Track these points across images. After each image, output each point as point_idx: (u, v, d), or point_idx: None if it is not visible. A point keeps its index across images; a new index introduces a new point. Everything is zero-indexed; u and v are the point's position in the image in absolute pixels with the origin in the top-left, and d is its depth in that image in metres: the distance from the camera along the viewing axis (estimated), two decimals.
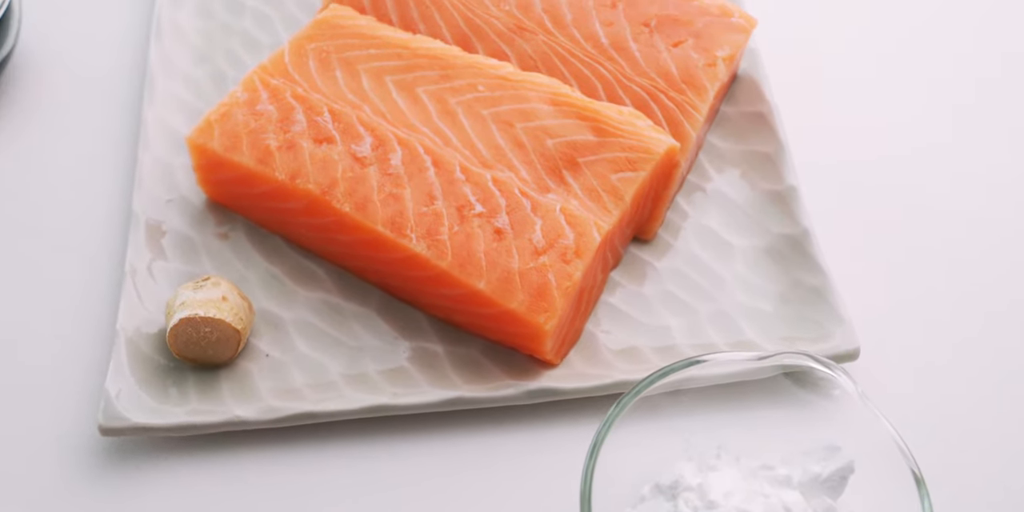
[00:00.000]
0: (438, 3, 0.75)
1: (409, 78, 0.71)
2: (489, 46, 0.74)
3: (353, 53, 0.72)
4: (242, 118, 0.69)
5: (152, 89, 0.77)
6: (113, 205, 0.74)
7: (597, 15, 0.73)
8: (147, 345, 0.65)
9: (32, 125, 0.78)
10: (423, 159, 0.67)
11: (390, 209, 0.65)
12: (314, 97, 0.70)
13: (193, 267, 0.69)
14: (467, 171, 0.66)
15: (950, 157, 0.77)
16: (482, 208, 0.65)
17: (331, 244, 0.68)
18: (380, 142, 0.67)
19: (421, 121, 0.69)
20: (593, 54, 0.72)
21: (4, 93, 0.80)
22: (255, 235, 0.71)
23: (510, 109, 0.69)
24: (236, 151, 0.68)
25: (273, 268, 0.70)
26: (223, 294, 0.64)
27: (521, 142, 0.67)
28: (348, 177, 0.66)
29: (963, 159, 0.77)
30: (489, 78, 0.70)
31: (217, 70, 0.80)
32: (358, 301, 0.68)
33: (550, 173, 0.66)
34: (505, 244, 0.63)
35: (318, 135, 0.68)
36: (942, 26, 0.85)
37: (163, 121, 0.76)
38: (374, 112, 0.69)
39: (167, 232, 0.71)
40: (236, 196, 0.71)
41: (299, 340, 0.66)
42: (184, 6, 0.83)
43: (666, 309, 0.68)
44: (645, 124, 0.67)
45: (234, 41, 0.82)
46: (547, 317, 0.61)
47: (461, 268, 0.63)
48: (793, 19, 0.83)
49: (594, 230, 0.64)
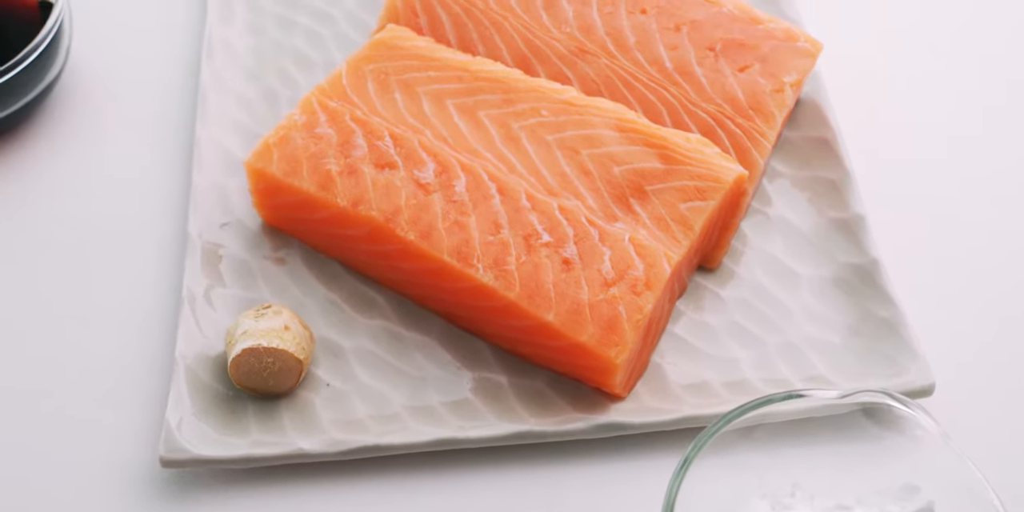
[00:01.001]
0: (497, 25, 0.74)
1: (470, 102, 0.69)
2: (550, 69, 0.72)
3: (412, 75, 0.71)
4: (301, 142, 0.68)
5: (205, 109, 0.76)
6: (167, 228, 0.73)
7: (661, 38, 0.72)
8: (206, 373, 0.64)
9: (82, 146, 0.77)
10: (487, 186, 0.65)
11: (455, 238, 0.64)
12: (374, 120, 0.69)
13: (250, 293, 0.68)
14: (533, 199, 0.65)
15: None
16: (549, 237, 0.63)
17: (392, 271, 0.67)
18: (443, 168, 0.66)
19: (484, 146, 0.67)
20: (658, 78, 0.71)
21: (54, 114, 0.79)
22: (312, 260, 0.70)
23: (575, 135, 0.67)
24: (296, 176, 0.67)
25: (331, 294, 0.69)
26: (285, 323, 0.63)
27: (587, 169, 0.66)
28: (412, 204, 0.65)
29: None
30: (553, 103, 0.69)
31: (269, 89, 0.79)
32: (419, 329, 0.67)
33: (617, 201, 0.65)
34: (574, 275, 0.62)
35: (380, 160, 0.67)
36: (1015, 52, 0.83)
37: (216, 142, 0.75)
38: (436, 137, 0.68)
39: (223, 257, 0.70)
40: (294, 220, 0.70)
41: (360, 369, 0.65)
42: (234, 23, 0.82)
43: (733, 340, 0.66)
44: (713, 152, 0.66)
45: (285, 59, 0.81)
46: (618, 351, 0.60)
47: (529, 299, 0.62)
48: (854, 41, 0.82)
49: (664, 261, 0.62)
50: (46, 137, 0.77)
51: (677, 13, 0.73)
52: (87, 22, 0.83)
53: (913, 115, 0.78)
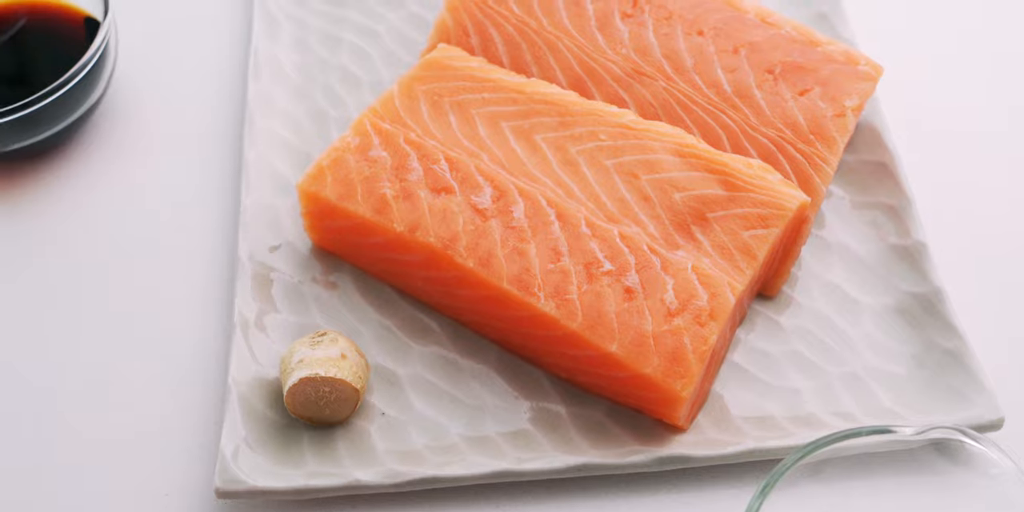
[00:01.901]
0: (552, 45, 0.73)
1: (526, 125, 0.68)
2: (606, 91, 0.71)
3: (466, 97, 0.70)
4: (355, 164, 0.67)
5: (252, 129, 0.75)
6: (216, 250, 0.72)
7: (719, 61, 0.71)
8: (260, 401, 0.63)
9: (127, 166, 0.76)
10: (546, 212, 0.64)
11: (515, 265, 0.62)
12: (429, 143, 0.68)
13: (302, 318, 0.67)
14: (593, 226, 0.64)
15: None
16: (611, 266, 0.62)
17: (449, 298, 0.66)
18: (501, 193, 0.65)
19: (541, 171, 0.66)
20: (716, 102, 0.69)
21: (98, 132, 0.78)
22: (364, 284, 0.69)
23: (634, 160, 0.66)
24: (351, 200, 0.66)
25: (385, 320, 0.67)
26: (342, 351, 0.62)
27: (647, 195, 0.65)
28: (469, 230, 0.64)
29: None
30: (610, 126, 0.68)
31: (316, 108, 0.78)
32: (475, 357, 0.66)
33: (678, 228, 0.64)
34: (636, 305, 0.61)
35: (436, 184, 0.66)
36: None
37: (265, 162, 0.74)
38: (492, 160, 0.67)
39: (274, 281, 0.69)
40: (347, 245, 0.69)
41: (415, 398, 0.64)
42: (280, 40, 0.81)
43: (794, 370, 0.65)
44: (775, 178, 0.65)
45: (332, 77, 0.79)
46: (684, 383, 0.59)
47: (592, 330, 0.60)
48: (910, 61, 0.80)
49: (728, 291, 0.61)
50: (90, 156, 0.76)
51: (735, 35, 0.71)
52: (131, 38, 0.82)
53: (972, 139, 0.77)
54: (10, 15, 0.79)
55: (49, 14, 0.79)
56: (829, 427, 0.62)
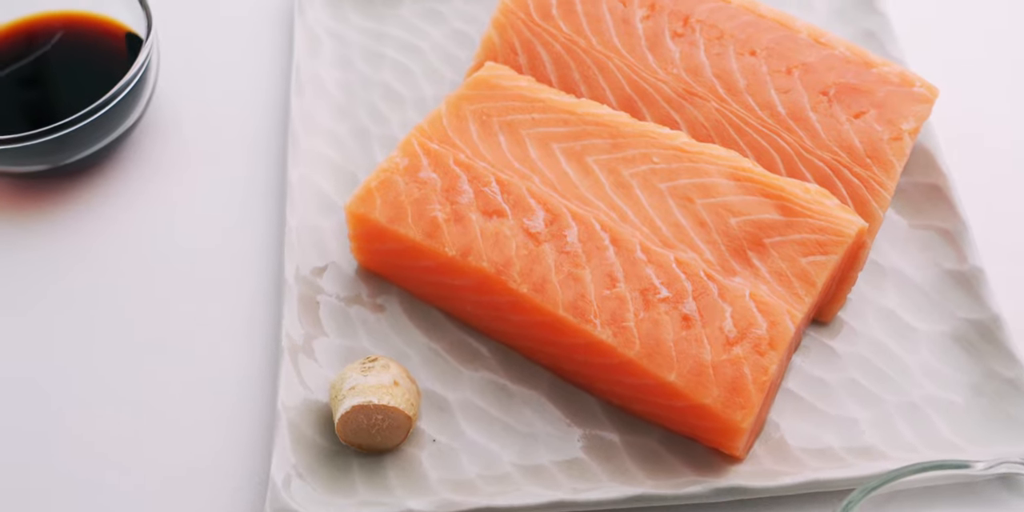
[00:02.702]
0: (601, 65, 0.72)
1: (577, 146, 0.67)
2: (657, 112, 0.70)
3: (516, 117, 0.69)
4: (404, 186, 0.66)
5: (296, 147, 0.74)
6: (261, 271, 0.71)
7: (772, 82, 0.69)
8: (309, 427, 0.62)
9: (168, 184, 0.75)
10: (600, 236, 0.63)
11: (571, 291, 0.61)
12: (479, 165, 0.67)
13: (350, 341, 0.66)
14: (648, 251, 0.63)
15: None
16: (667, 292, 0.61)
17: (500, 323, 0.65)
18: (554, 217, 0.64)
19: (594, 194, 0.65)
20: (770, 124, 0.68)
21: (138, 149, 0.77)
22: (411, 307, 0.68)
23: (688, 183, 0.65)
24: (401, 223, 0.65)
25: (433, 344, 0.66)
26: (394, 378, 0.61)
27: (702, 220, 0.64)
28: (523, 255, 0.63)
29: None
30: (663, 148, 0.67)
31: (359, 126, 0.77)
32: (526, 383, 0.65)
33: (735, 254, 0.63)
34: (694, 333, 0.60)
35: (487, 207, 0.65)
36: None
37: (308, 181, 0.73)
38: (544, 183, 0.66)
39: (321, 303, 0.68)
40: (395, 267, 0.68)
41: (466, 424, 0.63)
42: (321, 57, 0.80)
43: (851, 398, 0.64)
44: (833, 203, 0.64)
45: (374, 94, 0.78)
46: (744, 414, 0.58)
47: (649, 358, 0.59)
48: (962, 83, 0.79)
49: (787, 319, 0.60)
50: (130, 175, 0.75)
51: (788, 55, 0.70)
52: (171, 54, 0.81)
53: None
54: (46, 27, 0.78)
55: (87, 27, 0.78)
56: (888, 458, 0.61)
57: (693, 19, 0.72)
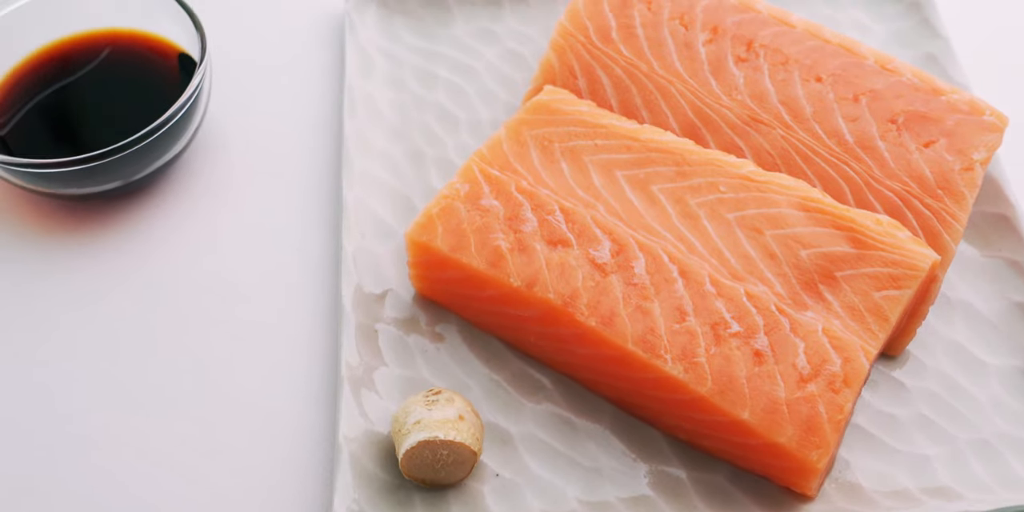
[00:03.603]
0: (663, 89, 0.70)
1: (642, 174, 0.66)
2: (721, 139, 0.69)
3: (578, 143, 0.68)
4: (466, 214, 0.65)
5: (350, 169, 0.72)
6: (318, 298, 0.69)
7: (839, 109, 0.68)
8: (370, 460, 0.61)
9: (220, 207, 0.74)
10: (668, 268, 0.62)
11: (639, 325, 0.60)
12: (542, 192, 0.65)
13: (409, 371, 0.65)
14: (718, 284, 0.61)
15: None
16: (738, 327, 0.60)
17: (564, 355, 0.64)
18: (620, 247, 0.63)
19: (661, 224, 0.64)
20: (837, 152, 0.67)
21: (189, 171, 0.76)
22: (470, 336, 0.67)
23: (757, 214, 0.64)
24: (464, 251, 0.64)
25: (494, 375, 0.65)
26: (459, 413, 0.60)
27: (772, 252, 0.63)
28: (589, 286, 0.62)
29: None
30: (730, 177, 0.65)
31: (414, 148, 0.75)
32: (589, 416, 0.64)
33: (806, 287, 0.62)
34: (767, 369, 0.59)
35: (551, 236, 0.64)
36: None
37: (364, 205, 0.72)
38: (609, 212, 0.65)
39: (379, 332, 0.67)
40: (455, 296, 0.66)
41: (530, 458, 0.62)
42: (374, 77, 0.79)
43: (922, 435, 0.63)
44: (905, 236, 0.63)
45: (428, 116, 0.77)
46: (820, 454, 0.57)
47: (722, 395, 0.58)
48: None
49: (862, 355, 0.59)
50: (180, 199, 0.74)
51: (855, 81, 0.69)
52: (221, 73, 0.80)
53: None
54: (97, 44, 0.77)
55: (138, 45, 0.77)
56: (963, 498, 0.59)
57: (757, 44, 0.71)
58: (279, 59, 0.82)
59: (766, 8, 0.73)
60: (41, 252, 0.72)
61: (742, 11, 0.73)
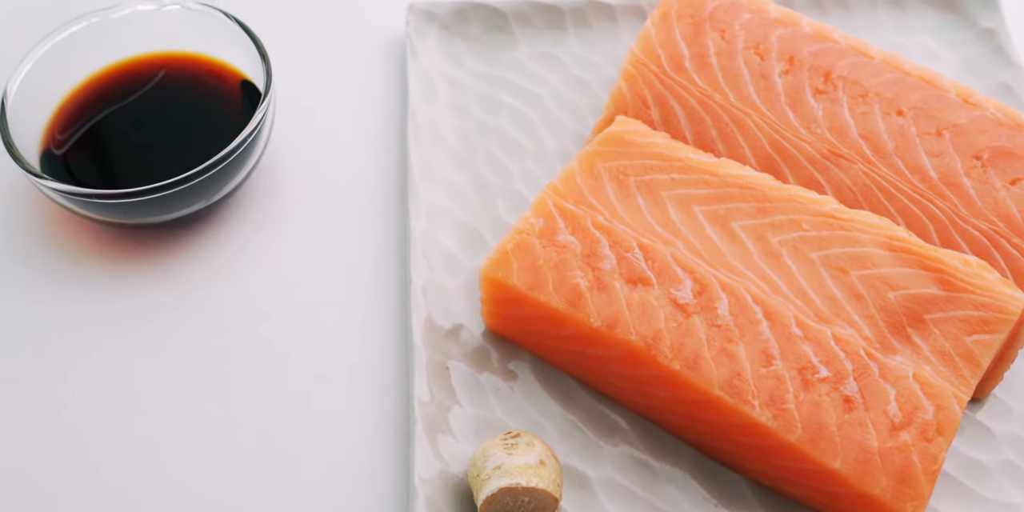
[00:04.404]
0: (739, 122, 0.69)
1: (721, 210, 0.65)
2: (800, 174, 0.67)
3: (654, 177, 0.66)
4: (541, 250, 0.63)
5: (416, 199, 0.71)
6: (386, 332, 0.68)
7: (922, 144, 0.67)
8: (447, 504, 0.60)
9: (282, 237, 0.72)
10: (753, 309, 0.61)
11: (725, 369, 0.59)
12: (619, 228, 0.64)
13: (482, 411, 0.64)
14: (804, 326, 0.60)
15: None
16: (827, 372, 0.58)
17: (644, 397, 0.62)
18: (702, 287, 0.61)
19: (742, 263, 0.63)
20: (921, 189, 0.66)
21: (250, 202, 0.74)
22: (543, 374, 0.65)
23: (841, 253, 0.62)
24: (541, 290, 0.62)
25: (569, 415, 0.64)
26: (540, 457, 0.58)
27: (858, 293, 0.61)
28: (672, 327, 0.60)
29: None
30: (813, 215, 0.64)
31: (479, 177, 0.74)
32: (668, 459, 0.62)
33: (893, 331, 0.60)
34: (857, 416, 0.57)
35: (631, 275, 0.62)
36: None
37: (431, 236, 0.70)
38: (688, 249, 0.63)
39: (451, 369, 0.65)
40: (530, 334, 0.65)
41: (608, 502, 0.61)
42: (437, 102, 0.77)
43: (1009, 482, 0.61)
44: (995, 277, 0.61)
45: (493, 143, 0.76)
46: (915, 506, 0.55)
47: (812, 443, 0.57)
48: None
49: (955, 403, 0.57)
50: (242, 228, 0.73)
51: (937, 116, 0.68)
52: (281, 100, 0.78)
53: None
54: (154, 67, 0.76)
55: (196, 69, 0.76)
56: None
57: (835, 75, 0.70)
58: (339, 81, 0.80)
59: (843, 38, 0.72)
60: (96, 278, 0.70)
61: (818, 41, 0.71)
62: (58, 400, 0.65)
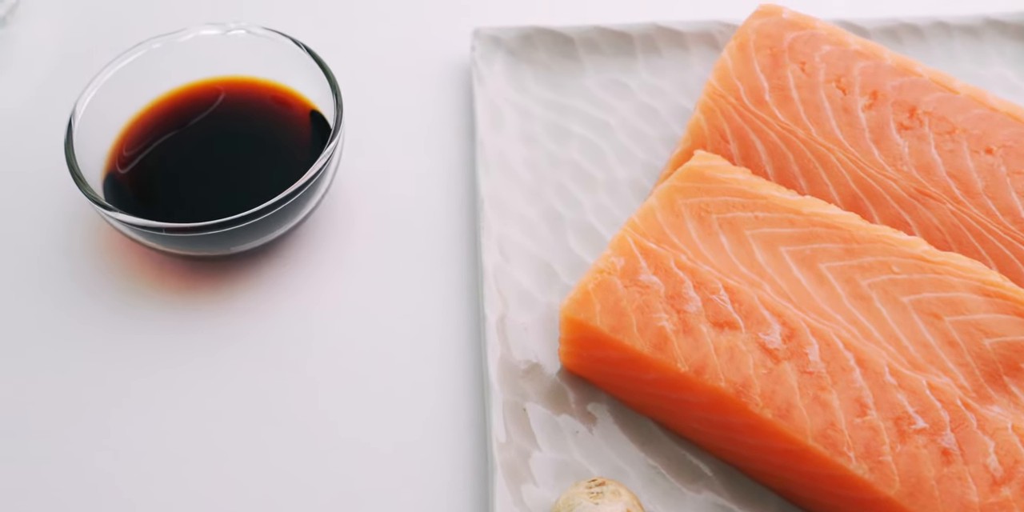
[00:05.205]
0: (822, 158, 0.67)
1: (807, 250, 0.63)
2: (886, 213, 0.66)
3: (737, 214, 0.65)
4: (624, 291, 0.62)
5: (488, 232, 0.69)
6: (458, 371, 0.66)
7: (1012, 183, 0.65)
8: None
9: (345, 269, 0.71)
10: (844, 356, 0.59)
11: (819, 418, 0.57)
12: (703, 269, 0.62)
13: (561, 455, 0.62)
14: (898, 374, 0.58)
15: None
16: (923, 423, 0.57)
17: (731, 444, 0.61)
18: (791, 331, 0.60)
19: (831, 306, 0.61)
20: (1013, 231, 0.64)
21: (314, 235, 0.73)
22: (622, 416, 0.64)
23: (934, 298, 0.61)
24: (625, 332, 0.60)
25: (651, 460, 0.62)
26: (627, 507, 0.57)
27: (952, 339, 0.59)
28: (762, 374, 0.59)
29: None
30: (902, 257, 0.62)
31: (550, 209, 0.72)
32: (753, 507, 0.61)
33: (990, 380, 0.58)
34: (956, 469, 0.56)
35: (717, 318, 0.60)
36: None
37: (504, 271, 0.69)
38: (775, 291, 0.61)
39: (528, 411, 0.64)
40: (609, 376, 0.63)
41: None
42: (505, 132, 0.75)
43: None
44: None
45: (563, 174, 0.74)
46: None
47: (911, 498, 0.55)
48: None
49: None
50: (307, 261, 0.71)
51: None
52: (347, 126, 0.77)
53: None
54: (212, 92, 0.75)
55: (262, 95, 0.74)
56: None
57: (920, 110, 0.68)
58: (401, 107, 0.79)
59: (926, 71, 0.70)
60: (157, 308, 0.69)
61: (902, 74, 0.70)
62: (117, 429, 0.64)
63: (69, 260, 0.71)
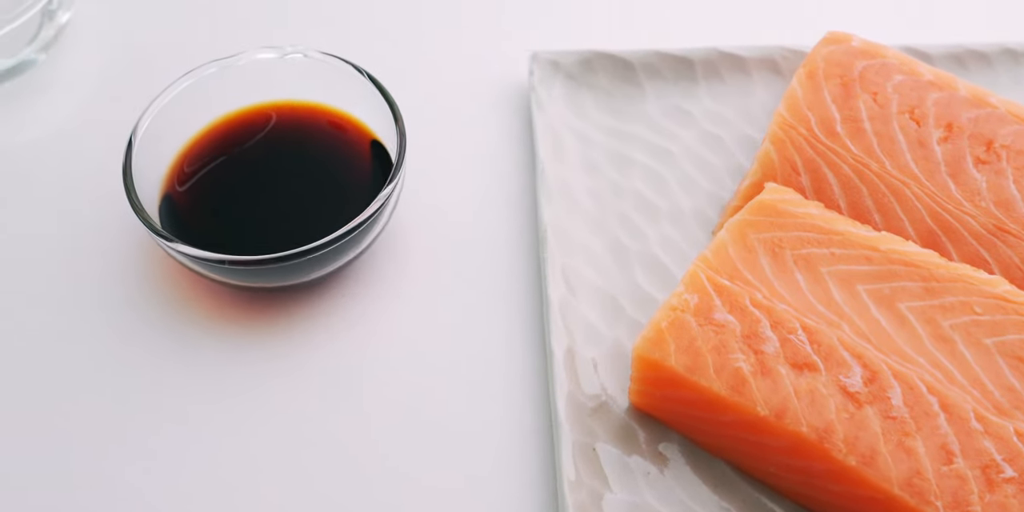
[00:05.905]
0: (898, 192, 0.66)
1: (886, 289, 0.62)
2: (964, 250, 0.64)
3: (812, 251, 0.63)
4: (699, 330, 0.60)
5: (553, 264, 0.68)
6: (524, 409, 0.65)
7: None
8: None
9: (404, 302, 0.69)
10: (928, 400, 0.58)
11: (904, 466, 0.56)
12: (779, 307, 0.61)
13: (634, 497, 0.61)
14: (984, 420, 0.57)
15: None
16: (1012, 471, 0.55)
17: (810, 489, 0.59)
18: (872, 374, 0.58)
19: (913, 348, 0.59)
20: None
21: (373, 267, 0.71)
22: (694, 457, 0.63)
23: (1017, 340, 0.59)
24: (701, 373, 0.59)
25: (725, 503, 0.61)
26: None
27: None
28: (844, 418, 0.57)
29: None
30: (984, 297, 0.61)
31: (614, 240, 0.71)
32: None
33: None
34: None
35: (796, 359, 0.59)
36: None
37: (570, 305, 0.67)
38: (855, 332, 0.60)
39: (598, 451, 0.62)
40: (683, 416, 0.62)
41: None
42: (567, 160, 0.74)
43: None
44: None
45: (626, 204, 0.73)
46: None
47: None
48: None
49: None
50: (365, 293, 0.70)
51: None
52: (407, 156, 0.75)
53: None
54: (268, 117, 0.73)
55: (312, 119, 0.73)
56: None
57: (997, 144, 0.67)
58: (460, 134, 0.77)
59: (1001, 102, 0.69)
60: (212, 338, 0.68)
61: (976, 106, 0.68)
62: (167, 455, 0.63)
63: (124, 287, 0.70)
